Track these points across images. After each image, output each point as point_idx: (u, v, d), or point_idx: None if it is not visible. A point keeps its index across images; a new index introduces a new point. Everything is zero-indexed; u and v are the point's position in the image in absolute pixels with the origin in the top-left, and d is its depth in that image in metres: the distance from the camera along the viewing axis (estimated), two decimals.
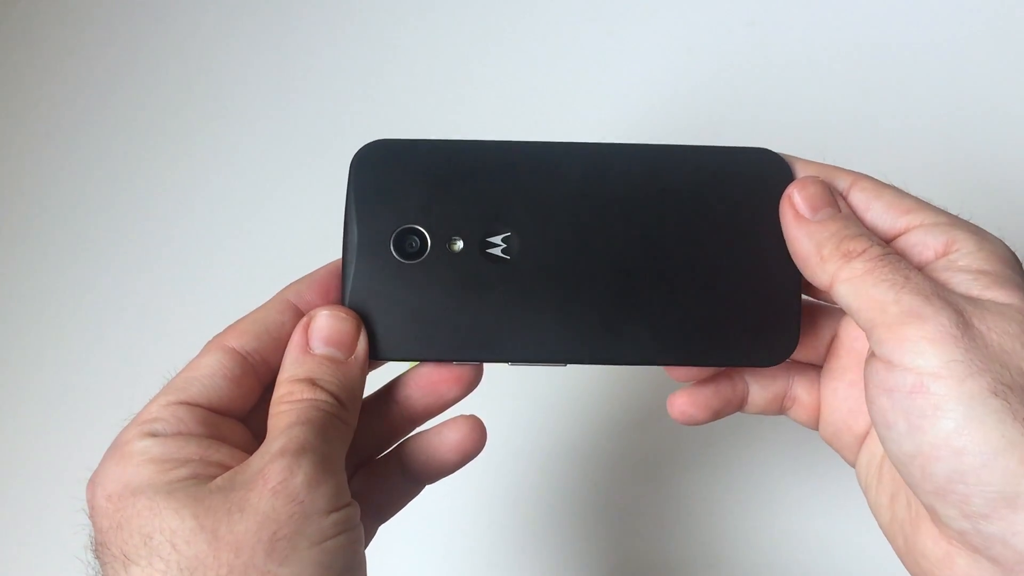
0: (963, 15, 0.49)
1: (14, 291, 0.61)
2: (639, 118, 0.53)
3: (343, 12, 0.61)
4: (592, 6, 0.57)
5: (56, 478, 0.54)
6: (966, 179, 0.47)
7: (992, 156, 0.47)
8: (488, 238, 0.30)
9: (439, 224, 0.30)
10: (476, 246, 0.30)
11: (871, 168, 0.30)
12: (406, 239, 0.30)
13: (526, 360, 0.30)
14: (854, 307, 0.26)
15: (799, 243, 0.28)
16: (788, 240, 0.29)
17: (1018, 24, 0.49)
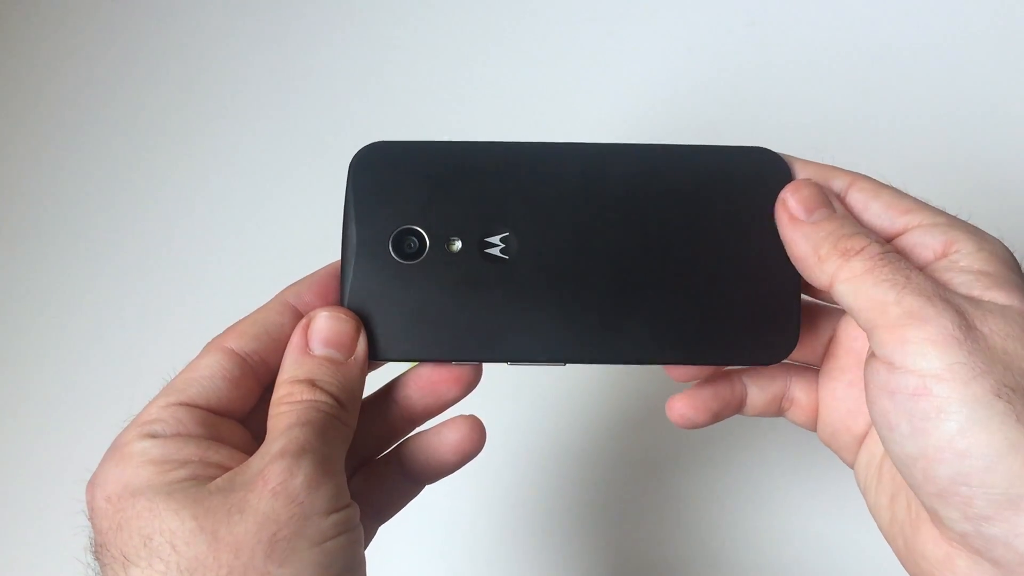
0: (963, 15, 0.49)
1: (14, 291, 0.61)
2: (639, 118, 0.53)
3: (343, 12, 0.61)
4: (592, 6, 0.57)
5: (56, 479, 0.54)
6: (966, 179, 0.47)
7: (992, 156, 0.47)
8: (487, 238, 0.30)
9: (438, 224, 0.30)
10: (475, 246, 0.30)
11: (871, 168, 0.30)
12: (405, 240, 0.30)
13: (525, 360, 0.30)
14: (854, 307, 0.26)
15: (796, 245, 0.28)
16: (785, 243, 0.29)
17: (1018, 24, 0.48)
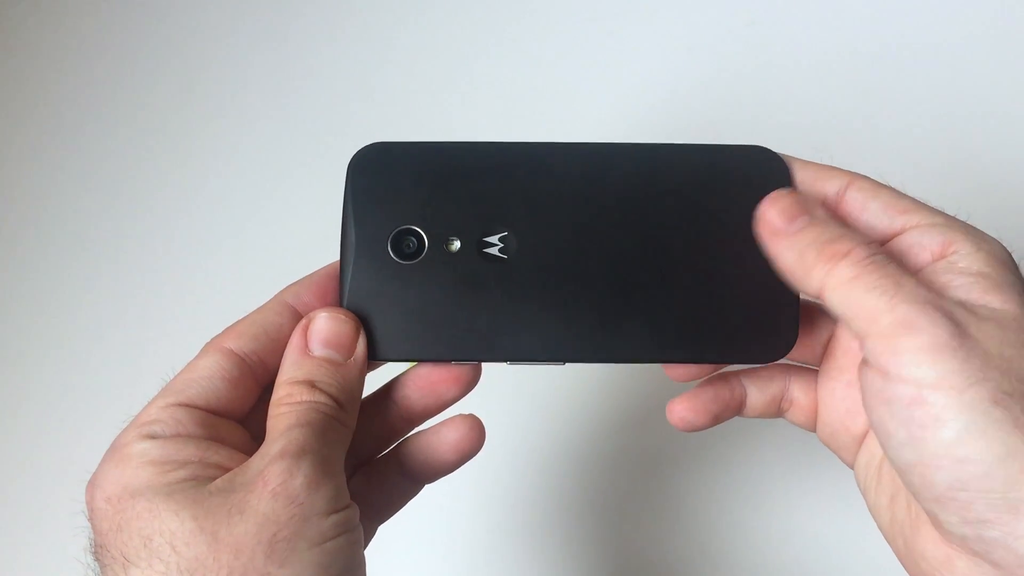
0: (963, 15, 0.49)
1: (14, 291, 0.61)
2: (639, 118, 0.53)
3: (343, 12, 0.61)
4: (592, 6, 0.57)
5: (56, 479, 0.54)
6: (966, 179, 0.47)
7: (991, 156, 0.47)
8: (485, 238, 0.30)
9: (436, 224, 0.30)
10: (473, 246, 0.30)
11: (870, 168, 0.30)
12: (403, 240, 0.30)
13: (524, 359, 0.30)
14: (846, 315, 0.25)
15: (781, 257, 0.27)
16: (771, 258, 0.28)
17: (1018, 24, 0.48)
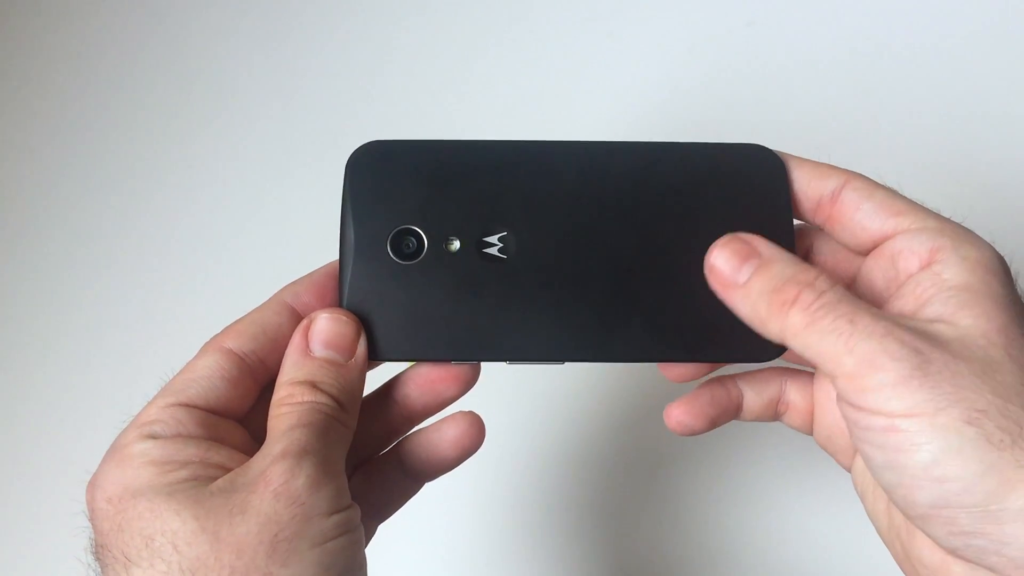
0: (963, 15, 0.49)
1: (14, 291, 0.61)
2: (639, 117, 0.53)
3: (343, 12, 0.61)
4: (592, 6, 0.57)
5: (56, 479, 0.54)
6: (965, 179, 0.47)
7: (991, 156, 0.47)
8: (485, 238, 0.30)
9: (435, 224, 0.30)
10: (473, 246, 0.30)
11: (870, 168, 0.30)
12: (403, 240, 0.30)
13: (524, 359, 0.30)
14: (813, 360, 0.26)
15: (739, 310, 0.27)
16: (731, 309, 0.28)
17: (1018, 24, 0.49)
